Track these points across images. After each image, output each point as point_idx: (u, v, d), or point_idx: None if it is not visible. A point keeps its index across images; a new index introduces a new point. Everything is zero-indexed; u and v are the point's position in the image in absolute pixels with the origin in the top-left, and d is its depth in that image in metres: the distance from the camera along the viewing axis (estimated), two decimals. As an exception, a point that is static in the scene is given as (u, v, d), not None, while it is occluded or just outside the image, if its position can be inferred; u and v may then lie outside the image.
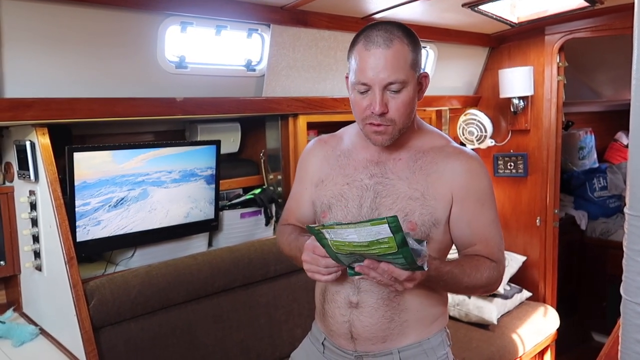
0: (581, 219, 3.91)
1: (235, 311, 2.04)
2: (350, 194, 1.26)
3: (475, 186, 1.23)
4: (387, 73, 1.13)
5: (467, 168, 1.22)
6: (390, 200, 1.22)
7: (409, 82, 1.16)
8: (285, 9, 1.99)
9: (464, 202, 1.22)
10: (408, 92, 1.16)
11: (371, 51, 1.14)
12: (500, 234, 1.27)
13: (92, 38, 1.64)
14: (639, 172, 1.25)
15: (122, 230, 1.84)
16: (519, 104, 2.92)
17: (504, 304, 2.72)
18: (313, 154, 1.39)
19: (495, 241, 1.25)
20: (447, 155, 1.24)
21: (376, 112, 1.15)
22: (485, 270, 1.20)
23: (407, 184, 1.22)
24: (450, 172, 1.22)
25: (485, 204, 1.24)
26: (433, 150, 1.25)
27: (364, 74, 1.14)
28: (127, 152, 1.81)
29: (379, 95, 1.14)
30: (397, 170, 1.24)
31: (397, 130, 1.19)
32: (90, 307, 1.66)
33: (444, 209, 1.22)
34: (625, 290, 1.31)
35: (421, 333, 1.27)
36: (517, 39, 2.92)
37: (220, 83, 2.05)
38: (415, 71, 1.18)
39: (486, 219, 1.24)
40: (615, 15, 2.55)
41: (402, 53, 1.14)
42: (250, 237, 2.28)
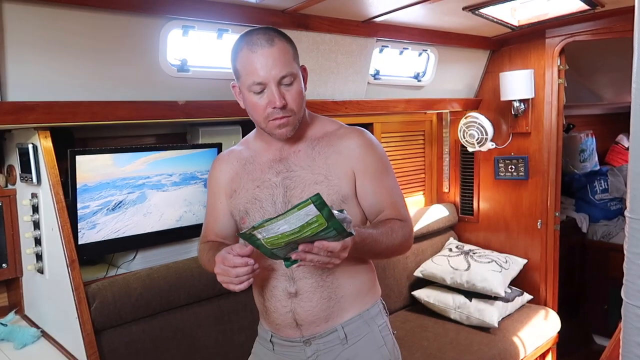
0: (582, 222, 3.90)
1: (237, 313, 2.04)
2: (262, 195, 1.33)
3: (372, 158, 1.32)
4: (279, 68, 1.22)
5: (360, 143, 1.32)
6: (299, 190, 1.30)
7: (297, 73, 1.27)
8: (286, 12, 2.00)
9: (365, 174, 1.31)
10: (298, 83, 1.27)
11: (258, 52, 1.22)
12: (402, 196, 1.38)
13: (94, 42, 1.64)
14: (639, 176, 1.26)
15: (114, 234, 1.82)
16: (519, 106, 2.92)
17: (505, 307, 2.72)
18: (219, 170, 1.45)
19: (400, 203, 1.35)
20: (340, 136, 1.34)
21: (278, 105, 1.22)
22: (399, 229, 1.28)
23: (310, 171, 1.31)
24: (347, 150, 1.31)
25: (384, 172, 1.34)
26: (327, 135, 1.35)
27: (257, 73, 1.22)
28: (129, 155, 1.82)
29: (276, 90, 1.22)
30: (299, 161, 1.33)
31: (297, 120, 1.28)
32: (91, 309, 1.66)
33: (348, 184, 1.31)
34: (626, 294, 1.32)
35: (359, 305, 1.35)
36: (518, 42, 2.93)
37: (221, 86, 2.05)
38: (297, 65, 1.29)
39: (388, 184, 1.34)
40: (615, 18, 2.55)
41: (284, 49, 1.25)
42: (252, 239, 2.28)
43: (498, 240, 3.16)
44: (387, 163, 1.37)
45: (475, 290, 2.67)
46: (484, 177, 3.20)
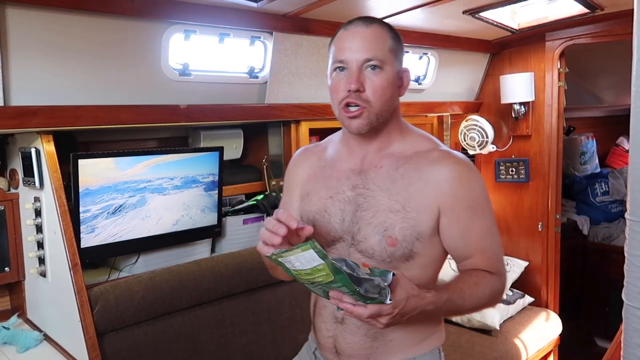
0: (583, 224, 3.91)
1: (238, 317, 2.05)
2: (333, 208, 1.20)
3: (464, 193, 1.13)
4: (365, 50, 1.10)
5: (453, 175, 1.13)
6: (370, 214, 1.15)
7: (387, 64, 1.12)
8: (287, 16, 2.01)
9: (453, 212, 1.13)
10: (387, 74, 1.12)
11: (349, 30, 1.14)
12: (498, 243, 1.19)
13: (97, 46, 1.65)
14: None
15: (111, 238, 1.81)
16: (520, 109, 2.93)
17: (507, 309, 2.72)
18: (299, 165, 1.34)
19: (493, 251, 1.17)
20: (431, 161, 1.15)
21: (352, 88, 1.10)
22: (487, 286, 1.14)
23: (387, 195, 1.14)
24: (435, 180, 1.13)
25: (478, 212, 1.15)
26: (417, 155, 1.17)
27: (341, 52, 1.13)
28: (131, 159, 1.82)
29: (355, 72, 1.11)
30: (378, 180, 1.17)
31: (373, 114, 1.12)
32: (94, 312, 1.66)
33: (428, 221, 1.13)
34: (627, 296, 1.32)
35: (407, 352, 1.20)
36: (518, 45, 2.94)
37: (223, 90, 2.06)
38: (395, 58, 1.14)
39: (480, 228, 1.16)
40: (615, 21, 2.56)
41: (381, 34, 1.13)
42: (253, 243, 2.29)
43: (499, 243, 3.16)
44: (484, 202, 1.16)
45: (476, 292, 2.67)
46: (485, 180, 3.18)
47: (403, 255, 1.13)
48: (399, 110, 1.22)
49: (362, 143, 1.21)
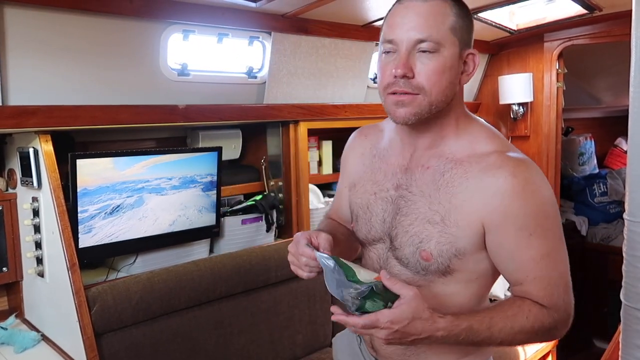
0: (582, 225, 3.91)
1: (237, 317, 2.04)
2: (375, 207, 1.11)
3: (516, 210, 0.96)
4: (419, 28, 0.95)
5: (506, 187, 0.95)
6: (408, 221, 1.04)
7: (445, 46, 0.96)
8: (286, 17, 2.01)
9: (501, 231, 0.97)
10: (444, 58, 0.96)
11: (404, 3, 0.98)
12: (560, 271, 1.01)
13: (95, 46, 1.65)
14: (638, 179, 1.27)
15: (108, 238, 1.80)
16: (518, 110, 2.93)
17: (505, 309, 2.71)
18: (353, 150, 1.24)
19: (551, 280, 0.99)
20: (484, 168, 0.98)
21: (398, 74, 0.95)
22: (529, 320, 0.97)
23: (428, 203, 1.02)
24: (483, 192, 0.97)
25: (535, 233, 0.97)
26: (469, 159, 1.00)
27: (392, 29, 0.98)
28: (129, 159, 1.82)
29: (404, 54, 0.96)
30: (422, 183, 1.04)
31: (425, 104, 0.97)
32: (92, 313, 1.66)
33: (469, 238, 0.99)
34: (626, 296, 1.32)
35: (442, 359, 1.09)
36: (517, 45, 2.94)
37: (221, 90, 2.06)
38: (457, 39, 0.98)
39: (535, 252, 0.98)
40: (613, 22, 2.57)
41: (440, 11, 0.96)
42: (252, 243, 2.29)
43: (498, 244, 3.16)
44: (545, 221, 0.98)
45: (475, 293, 2.67)
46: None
47: (438, 270, 1.03)
48: (459, 101, 1.06)
49: (413, 136, 1.07)
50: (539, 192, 0.97)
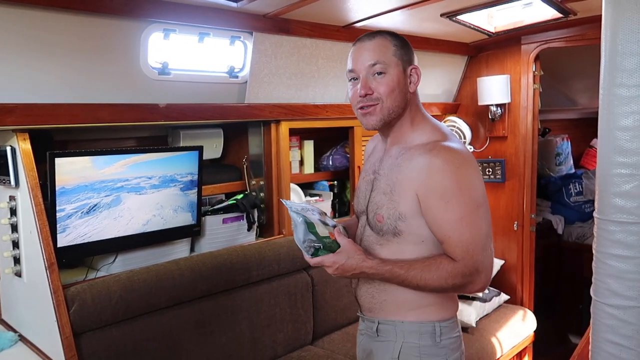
0: (558, 224, 4.00)
1: (217, 316, 2.05)
2: (361, 187, 1.45)
3: (437, 183, 1.24)
4: (369, 58, 1.30)
5: (430, 165, 1.24)
6: (374, 194, 1.36)
7: (391, 66, 1.30)
8: (267, 17, 2.02)
9: (427, 199, 1.25)
10: (391, 75, 1.30)
11: (357, 45, 1.35)
12: (472, 234, 1.25)
13: (75, 44, 1.64)
14: (607, 178, 1.31)
15: (80, 238, 1.78)
16: (496, 111, 2.99)
17: (483, 307, 2.77)
18: (367, 149, 1.58)
19: (461, 239, 1.24)
20: (420, 152, 1.28)
21: (361, 94, 1.30)
22: (440, 269, 1.24)
23: (385, 180, 1.33)
24: (416, 169, 1.26)
25: (451, 201, 1.24)
26: (417, 147, 1.30)
27: (352, 62, 1.34)
28: (108, 158, 1.81)
29: (363, 80, 1.31)
30: (386, 166, 1.35)
31: (385, 110, 1.30)
32: (70, 312, 1.65)
33: (408, 204, 1.27)
34: (595, 292, 1.37)
35: (396, 314, 1.36)
36: (495, 48, 2.99)
37: (203, 89, 2.06)
38: (400, 60, 1.31)
39: (451, 216, 1.24)
40: (588, 25, 2.64)
41: (383, 43, 1.31)
42: (233, 242, 2.29)
43: (476, 242, 3.21)
44: (459, 192, 1.24)
45: (453, 291, 2.71)
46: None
47: (389, 231, 1.32)
48: (414, 105, 1.36)
49: (385, 136, 1.40)
50: (455, 171, 1.24)
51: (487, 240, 1.27)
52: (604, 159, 1.31)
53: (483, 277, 1.26)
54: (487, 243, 1.27)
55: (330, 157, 2.88)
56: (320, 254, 1.30)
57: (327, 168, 2.87)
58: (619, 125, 1.27)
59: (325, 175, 2.89)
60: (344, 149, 2.88)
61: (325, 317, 2.47)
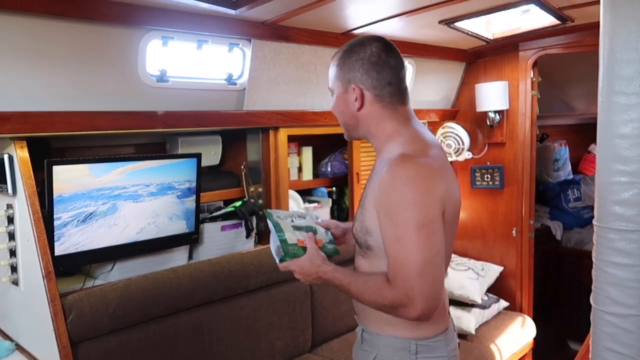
0: (556, 230, 3.99)
1: (215, 324, 2.04)
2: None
3: (383, 199, 1.19)
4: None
5: (381, 180, 1.21)
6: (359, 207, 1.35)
7: (335, 90, 1.34)
8: (266, 24, 2.02)
9: (379, 215, 1.21)
10: (336, 99, 1.35)
11: None
12: (406, 255, 1.15)
13: (73, 51, 1.64)
14: (606, 186, 1.31)
15: (74, 247, 1.76)
16: (495, 117, 2.99)
17: (482, 313, 2.76)
18: None
19: (395, 260, 1.17)
20: (383, 166, 1.23)
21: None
22: (377, 289, 1.19)
23: (365, 193, 1.31)
24: (376, 184, 1.23)
25: (392, 219, 1.18)
26: (386, 161, 1.25)
27: None
28: (106, 165, 1.80)
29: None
30: (369, 180, 1.33)
31: (344, 128, 1.39)
32: (68, 321, 1.64)
33: (370, 218, 1.24)
34: (595, 300, 1.36)
35: (374, 326, 1.34)
36: (493, 54, 3.00)
37: (201, 97, 2.06)
38: (340, 82, 1.31)
39: (390, 234, 1.18)
40: (585, 32, 2.65)
41: (331, 68, 1.35)
42: (231, 249, 2.28)
43: (475, 248, 3.22)
44: (398, 211, 1.16)
45: (452, 297, 2.70)
46: (461, 186, 3.21)
47: (361, 244, 1.31)
48: (375, 120, 1.30)
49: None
50: (401, 187, 1.17)
51: (426, 266, 1.14)
52: (603, 166, 1.31)
53: (417, 305, 1.14)
54: (425, 269, 1.14)
55: (328, 163, 2.87)
56: (284, 259, 1.35)
57: (326, 174, 2.87)
58: (618, 133, 1.27)
59: (323, 181, 2.88)
60: (342, 155, 2.88)
61: (324, 324, 2.46)
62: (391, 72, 1.27)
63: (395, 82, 1.28)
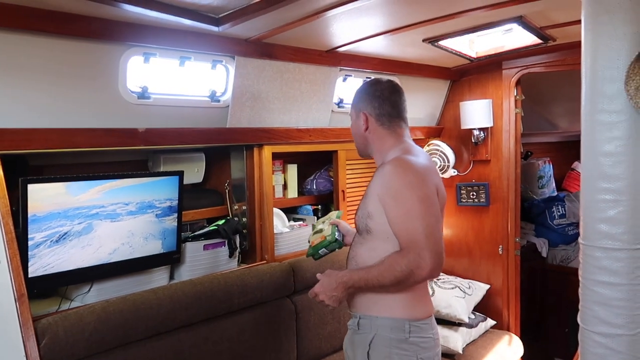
0: (542, 247, 4.00)
1: (197, 347, 1.97)
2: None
3: (387, 185, 1.53)
4: None
5: (383, 173, 1.56)
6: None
7: (352, 116, 1.74)
8: (249, 41, 2.01)
9: (383, 199, 1.53)
10: (352, 123, 1.74)
11: None
12: (415, 223, 1.47)
13: (52, 67, 1.61)
14: (591, 204, 1.30)
15: (43, 269, 1.70)
16: (479, 135, 3.01)
17: (469, 332, 2.73)
18: None
19: (407, 230, 1.48)
20: (382, 167, 1.59)
21: None
22: (394, 263, 1.48)
23: (367, 188, 1.63)
24: (378, 176, 1.58)
25: (399, 198, 1.51)
26: (384, 164, 1.60)
27: None
28: (83, 184, 1.75)
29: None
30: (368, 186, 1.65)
31: (358, 147, 1.75)
32: (40, 346, 1.57)
33: (373, 205, 1.56)
34: (583, 320, 1.34)
35: (373, 310, 1.59)
36: (477, 72, 3.03)
37: (184, 113, 2.03)
38: (354, 110, 1.72)
39: (398, 211, 1.50)
40: (567, 51, 2.68)
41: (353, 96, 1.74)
42: (214, 269, 2.23)
43: (461, 266, 3.20)
44: (405, 191, 1.50)
45: (439, 316, 2.67)
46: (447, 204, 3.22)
47: (362, 228, 1.61)
48: (378, 138, 1.67)
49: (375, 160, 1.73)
50: (402, 174, 1.53)
51: (431, 230, 1.48)
52: (588, 184, 1.31)
53: (430, 262, 1.44)
54: (431, 232, 1.48)
55: (314, 181, 2.85)
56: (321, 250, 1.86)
57: (311, 192, 2.84)
58: (602, 151, 1.27)
59: (309, 199, 2.85)
60: (327, 172, 2.86)
61: (309, 345, 2.40)
62: (390, 105, 1.66)
63: (393, 112, 1.66)
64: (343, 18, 1.88)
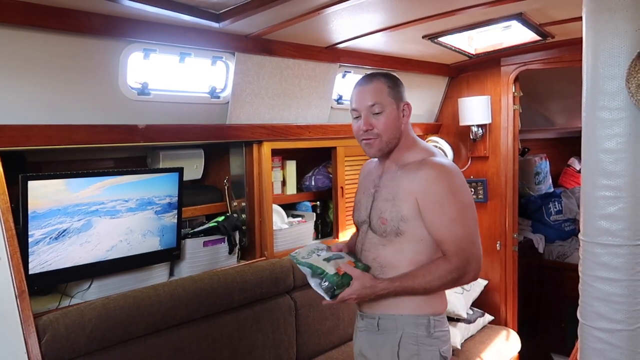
0: (539, 242, 4.02)
1: (197, 343, 1.98)
2: (362, 201, 1.69)
3: (433, 190, 1.49)
4: (368, 99, 1.56)
5: (426, 176, 1.51)
6: (377, 202, 1.60)
7: (387, 105, 1.55)
8: (249, 37, 2.01)
9: (425, 205, 1.50)
10: (387, 114, 1.55)
11: (357, 88, 1.61)
12: (464, 232, 1.49)
13: (51, 63, 1.60)
14: (592, 200, 1.31)
15: (40, 267, 1.69)
16: (477, 131, 3.01)
17: (467, 328, 2.75)
18: (362, 170, 1.83)
19: (454, 236, 1.48)
20: (416, 167, 1.54)
21: (363, 129, 1.56)
22: (440, 269, 1.48)
23: (387, 190, 1.58)
24: (415, 179, 1.52)
25: (445, 205, 1.49)
26: (412, 163, 1.56)
27: (355, 103, 1.59)
28: (83, 180, 1.75)
29: (365, 116, 1.56)
30: (387, 179, 1.60)
31: (383, 142, 1.57)
32: (42, 343, 1.57)
33: (409, 208, 1.51)
34: (582, 315, 1.35)
35: (396, 309, 1.55)
36: (475, 69, 3.03)
37: (184, 110, 2.03)
38: (393, 99, 1.57)
39: (445, 218, 1.49)
40: (565, 48, 2.69)
41: (379, 86, 1.56)
42: (214, 265, 2.23)
43: (459, 262, 3.21)
44: (452, 197, 1.49)
45: (438, 312, 2.68)
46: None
47: (392, 232, 1.54)
48: (407, 133, 1.61)
49: (385, 157, 1.64)
50: (447, 180, 1.51)
51: (475, 236, 1.52)
52: (589, 181, 1.31)
53: (475, 266, 1.49)
54: (475, 239, 1.52)
55: (312, 177, 2.85)
56: (337, 293, 1.49)
57: (310, 188, 2.84)
58: (603, 147, 1.27)
59: (307, 195, 2.85)
60: (326, 169, 2.86)
61: (308, 341, 2.41)
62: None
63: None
64: (343, 14, 1.88)
